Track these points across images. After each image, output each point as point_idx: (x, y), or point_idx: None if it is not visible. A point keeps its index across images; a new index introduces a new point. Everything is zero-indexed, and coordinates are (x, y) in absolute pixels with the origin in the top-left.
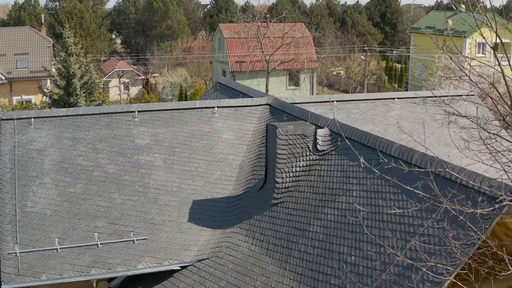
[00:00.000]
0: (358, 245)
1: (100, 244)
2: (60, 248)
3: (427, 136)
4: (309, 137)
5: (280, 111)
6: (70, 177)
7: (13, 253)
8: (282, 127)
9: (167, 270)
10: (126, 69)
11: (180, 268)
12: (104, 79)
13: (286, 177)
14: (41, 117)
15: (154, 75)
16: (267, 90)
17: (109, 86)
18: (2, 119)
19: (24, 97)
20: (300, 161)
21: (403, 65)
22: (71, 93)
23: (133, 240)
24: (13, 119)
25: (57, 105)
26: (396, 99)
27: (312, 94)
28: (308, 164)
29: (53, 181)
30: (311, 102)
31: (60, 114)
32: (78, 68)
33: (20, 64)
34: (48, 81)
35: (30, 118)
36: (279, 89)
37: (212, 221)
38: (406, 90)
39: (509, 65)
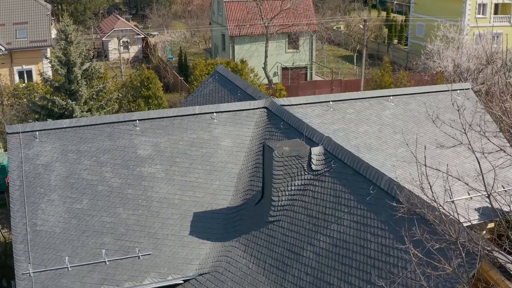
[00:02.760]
0: (348, 278)
1: (108, 261)
2: (70, 267)
3: (419, 136)
4: (304, 158)
5: (277, 117)
6: (76, 192)
7: (27, 273)
8: (278, 149)
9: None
10: (126, 28)
11: (183, 282)
12: (103, 39)
13: (282, 195)
14: (46, 129)
15: (153, 33)
16: (266, 56)
17: (109, 48)
18: (8, 133)
19: (25, 66)
20: (295, 180)
21: (404, 16)
22: (72, 80)
23: (138, 256)
24: (19, 132)
25: (58, 92)
26: (391, 97)
27: (312, 58)
28: (303, 183)
29: (60, 197)
30: (308, 103)
31: (64, 126)
32: (78, 56)
33: (19, 34)
34: (48, 50)
35: (35, 131)
36: (278, 53)
37: (212, 234)
38: (406, 46)
39: None
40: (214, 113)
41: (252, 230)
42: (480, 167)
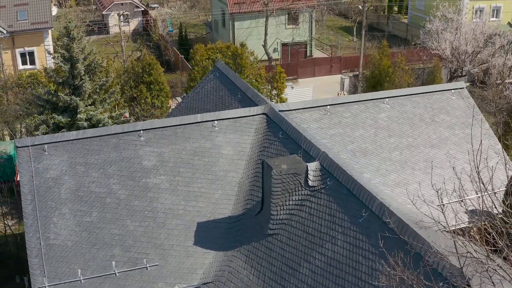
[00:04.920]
0: None
1: (118, 272)
2: (83, 279)
3: (414, 138)
4: (301, 175)
5: (276, 125)
6: (86, 205)
7: (43, 287)
8: (276, 168)
9: None
10: (125, 1)
11: None
12: (103, 12)
13: (280, 209)
14: (54, 142)
15: (153, 5)
16: (266, 34)
17: (109, 21)
18: (17, 147)
19: (27, 48)
20: (293, 195)
21: None
22: (75, 75)
23: (146, 267)
24: (28, 146)
25: (62, 87)
26: (386, 99)
27: (312, 34)
28: (300, 198)
29: (70, 210)
30: (306, 108)
31: (71, 138)
32: (81, 52)
33: (20, 16)
34: (49, 33)
35: (44, 144)
36: (278, 30)
37: (214, 243)
38: (406, 15)
39: None
40: (215, 121)
41: (252, 241)
42: (477, 173)
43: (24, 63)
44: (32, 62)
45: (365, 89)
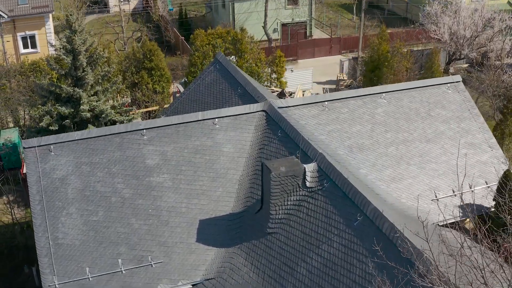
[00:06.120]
0: None
1: (124, 270)
2: (91, 277)
3: (410, 133)
4: (299, 177)
5: (275, 123)
6: (92, 204)
7: (53, 285)
8: (275, 171)
9: None
10: None
11: (191, 286)
12: None
13: (279, 209)
14: (60, 142)
15: None
16: (266, 15)
17: (109, 0)
18: (24, 148)
19: (28, 32)
20: (291, 196)
21: None
22: (77, 67)
23: (151, 264)
24: (35, 146)
25: (64, 79)
26: (383, 94)
27: (311, 13)
28: (298, 199)
29: (77, 210)
30: (304, 104)
31: (76, 138)
32: (82, 44)
33: (21, 1)
34: (50, 16)
35: (50, 144)
36: (278, 11)
37: (216, 240)
38: None
39: None
40: (216, 119)
41: (252, 239)
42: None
43: (25, 46)
44: (34, 45)
45: (364, 73)
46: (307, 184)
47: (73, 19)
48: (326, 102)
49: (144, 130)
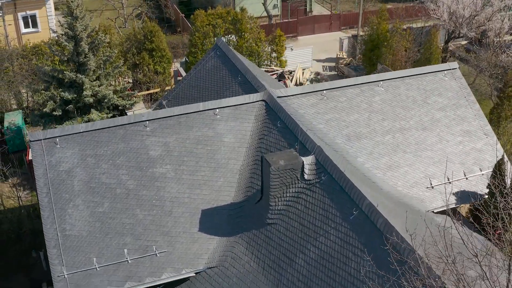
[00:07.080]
0: None
1: (130, 260)
2: (98, 267)
3: (406, 121)
4: (298, 170)
5: (274, 114)
6: (98, 196)
7: (62, 275)
8: (274, 164)
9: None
10: None
11: (194, 274)
12: None
13: (278, 201)
14: (65, 135)
15: None
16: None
17: None
18: (31, 141)
19: (29, 12)
20: (290, 188)
21: None
22: (80, 53)
23: (156, 254)
24: (41, 139)
25: (67, 63)
26: (381, 82)
27: None
28: (296, 191)
29: (84, 202)
30: (303, 93)
31: (81, 130)
32: (84, 30)
33: None
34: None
35: (56, 137)
36: None
37: (218, 229)
38: None
39: None
40: (217, 109)
41: (253, 229)
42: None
43: (26, 25)
44: (35, 25)
45: (363, 52)
46: (305, 176)
47: (74, 6)
48: (324, 91)
49: (147, 121)
